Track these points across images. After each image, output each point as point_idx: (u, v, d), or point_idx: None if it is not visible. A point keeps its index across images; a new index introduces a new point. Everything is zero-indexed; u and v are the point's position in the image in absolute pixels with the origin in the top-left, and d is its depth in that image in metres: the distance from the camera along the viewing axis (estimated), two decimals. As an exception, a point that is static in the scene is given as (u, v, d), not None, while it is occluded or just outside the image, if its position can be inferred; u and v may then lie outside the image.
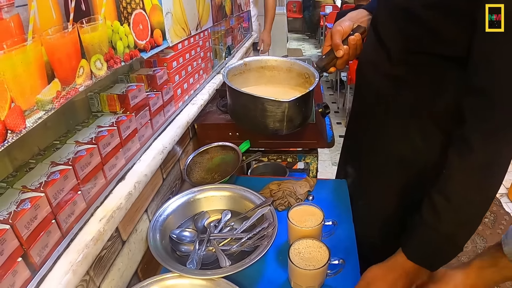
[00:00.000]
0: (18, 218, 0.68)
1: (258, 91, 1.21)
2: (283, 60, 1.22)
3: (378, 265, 0.99)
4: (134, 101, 1.11)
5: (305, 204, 1.15)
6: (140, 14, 1.13)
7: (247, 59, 1.17)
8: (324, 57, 1.19)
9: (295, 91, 1.24)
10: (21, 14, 0.68)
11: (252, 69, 1.21)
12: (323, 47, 1.23)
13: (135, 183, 1.01)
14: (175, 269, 0.96)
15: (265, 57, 1.23)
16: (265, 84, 1.30)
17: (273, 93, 1.19)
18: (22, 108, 0.68)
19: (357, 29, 1.15)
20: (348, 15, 1.23)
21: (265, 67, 1.22)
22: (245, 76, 1.22)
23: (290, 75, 1.25)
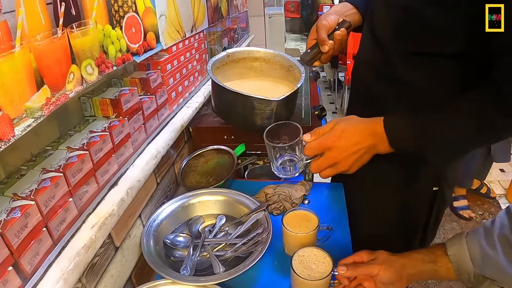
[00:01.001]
0: (8, 227, 0.68)
1: (243, 85, 1.22)
2: (266, 52, 1.22)
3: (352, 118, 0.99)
4: (127, 106, 1.10)
5: (300, 209, 1.15)
6: (133, 17, 1.12)
7: (230, 50, 1.17)
8: (309, 51, 1.17)
9: (280, 84, 1.24)
10: (9, 21, 0.67)
11: (235, 60, 1.20)
12: (308, 41, 1.21)
13: (128, 189, 1.01)
14: (168, 275, 0.95)
15: (248, 48, 1.23)
16: (249, 77, 1.29)
17: (258, 87, 1.20)
18: (11, 117, 0.67)
19: (342, 24, 1.14)
20: (333, 8, 1.22)
21: (247, 58, 1.22)
22: (228, 67, 1.21)
23: (273, 66, 1.25)
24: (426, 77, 0.99)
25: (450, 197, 1.23)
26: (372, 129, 0.93)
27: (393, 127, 0.92)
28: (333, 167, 0.96)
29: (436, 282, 2.41)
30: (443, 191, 1.15)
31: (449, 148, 0.91)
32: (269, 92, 1.17)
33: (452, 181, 1.20)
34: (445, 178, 1.13)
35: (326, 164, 0.96)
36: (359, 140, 0.93)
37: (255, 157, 1.54)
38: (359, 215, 1.30)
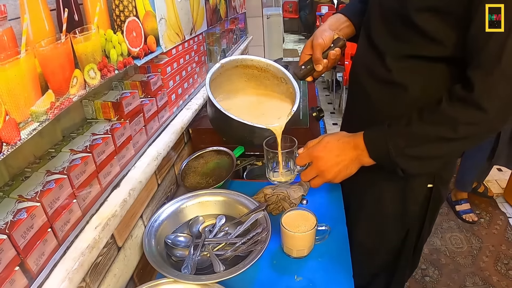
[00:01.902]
0: (14, 228, 0.70)
1: (238, 99, 1.23)
2: (258, 60, 1.23)
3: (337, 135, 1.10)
4: (128, 108, 1.12)
5: (298, 209, 1.17)
6: (134, 22, 1.14)
7: (223, 60, 1.18)
8: (303, 67, 1.19)
9: (276, 99, 1.25)
10: (14, 27, 0.69)
11: (228, 69, 1.22)
12: (302, 55, 1.22)
13: (130, 190, 1.03)
14: (170, 274, 0.97)
15: (240, 57, 1.24)
16: (242, 88, 1.30)
17: (251, 103, 1.21)
18: (17, 121, 0.69)
19: (337, 42, 1.15)
20: (327, 22, 1.24)
21: (240, 66, 1.23)
22: (223, 77, 1.22)
23: (265, 75, 1.26)
24: (420, 80, 1.01)
25: (446, 195, 1.25)
26: (354, 143, 1.03)
27: (370, 140, 1.01)
28: (320, 176, 1.06)
29: (434, 281, 2.44)
30: (438, 189, 1.17)
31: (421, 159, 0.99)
32: (266, 109, 1.19)
33: (447, 179, 1.22)
34: (440, 176, 1.15)
35: (313, 173, 1.07)
36: (341, 152, 1.04)
37: (254, 158, 1.56)
38: (356, 214, 1.32)
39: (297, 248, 1.11)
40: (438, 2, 0.88)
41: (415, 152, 0.96)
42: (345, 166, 1.04)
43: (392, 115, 1.08)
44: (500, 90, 0.83)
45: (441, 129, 0.91)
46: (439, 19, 0.90)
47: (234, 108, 1.13)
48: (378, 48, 1.07)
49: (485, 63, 0.83)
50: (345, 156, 1.04)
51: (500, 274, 2.48)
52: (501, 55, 0.79)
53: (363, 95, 1.18)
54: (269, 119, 1.15)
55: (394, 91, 1.06)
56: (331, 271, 1.09)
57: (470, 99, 0.86)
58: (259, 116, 1.21)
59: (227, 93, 1.27)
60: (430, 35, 0.92)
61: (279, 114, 1.17)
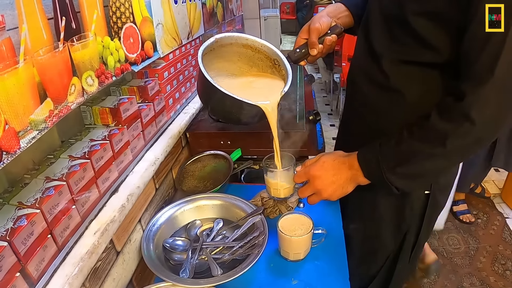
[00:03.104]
0: (15, 235, 0.71)
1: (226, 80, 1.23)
2: (253, 40, 1.22)
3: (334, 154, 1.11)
4: (126, 114, 1.13)
5: (295, 213, 1.19)
6: (131, 28, 1.15)
7: (218, 35, 1.18)
8: (297, 51, 1.20)
9: (267, 78, 1.25)
10: (12, 37, 0.70)
11: (222, 45, 1.21)
12: (298, 39, 1.23)
13: (128, 196, 1.04)
14: (168, 278, 0.99)
15: (235, 34, 1.23)
16: (234, 67, 1.29)
17: (242, 81, 1.21)
18: (16, 130, 0.70)
19: (334, 29, 1.16)
20: (326, 9, 1.24)
21: (234, 44, 1.22)
22: (215, 53, 1.22)
23: (259, 55, 1.25)
24: (417, 86, 1.02)
25: (444, 201, 1.26)
26: (349, 163, 1.05)
27: (364, 160, 1.03)
28: (317, 194, 1.07)
29: (431, 282, 2.45)
30: (435, 195, 1.18)
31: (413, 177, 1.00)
32: (257, 88, 1.19)
33: (445, 186, 1.23)
34: (437, 182, 1.16)
35: (309, 191, 1.09)
36: (337, 172, 1.05)
37: (251, 162, 1.57)
38: (353, 218, 1.33)
39: (294, 252, 1.12)
40: (435, 7, 0.89)
41: (407, 170, 0.97)
42: (341, 186, 1.05)
43: (389, 118, 1.09)
44: (490, 101, 0.83)
45: (430, 145, 0.91)
46: (436, 25, 0.90)
47: (225, 83, 1.12)
48: (376, 52, 1.07)
49: (477, 73, 0.83)
50: (341, 176, 1.05)
51: (497, 275, 2.50)
52: (494, 66, 0.79)
53: (360, 99, 1.18)
54: (259, 96, 1.13)
55: (391, 96, 1.06)
56: (328, 274, 1.10)
57: (458, 110, 0.86)
58: (249, 92, 1.19)
59: (219, 70, 1.25)
60: (427, 41, 0.93)
61: (270, 94, 1.16)
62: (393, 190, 1.00)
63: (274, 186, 1.15)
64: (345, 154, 1.08)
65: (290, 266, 1.14)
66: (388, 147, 0.99)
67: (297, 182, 1.13)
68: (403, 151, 0.96)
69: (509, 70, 0.80)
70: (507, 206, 3.12)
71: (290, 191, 1.16)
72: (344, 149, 1.11)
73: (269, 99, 1.10)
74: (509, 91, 0.83)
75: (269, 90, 1.16)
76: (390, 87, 1.06)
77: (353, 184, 1.06)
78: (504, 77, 0.80)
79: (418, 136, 0.94)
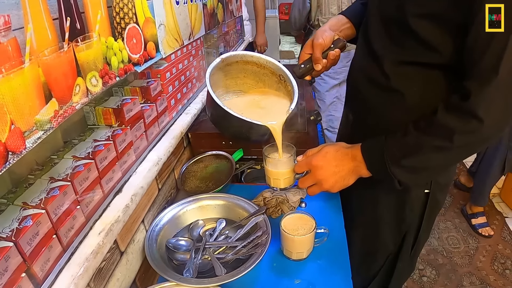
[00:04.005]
0: (21, 236, 0.71)
1: (235, 100, 1.24)
2: (258, 57, 1.23)
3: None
4: (129, 114, 1.13)
5: (297, 212, 1.19)
6: (134, 28, 1.15)
7: (223, 55, 1.19)
8: (302, 66, 1.20)
9: (274, 96, 1.26)
10: (18, 37, 0.70)
11: (228, 64, 1.22)
12: (302, 54, 1.23)
13: (132, 196, 1.04)
14: (172, 278, 0.99)
15: (240, 52, 1.24)
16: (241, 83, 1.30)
17: (249, 99, 1.22)
18: (22, 130, 0.70)
19: (337, 43, 1.16)
20: (329, 22, 1.25)
21: (240, 61, 1.24)
22: (222, 71, 1.23)
23: (264, 71, 1.26)
24: (418, 87, 1.02)
25: (444, 200, 1.26)
26: (352, 154, 1.05)
27: (367, 152, 1.03)
28: (317, 184, 1.08)
29: (431, 281, 2.46)
30: (435, 194, 1.18)
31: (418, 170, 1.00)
32: (264, 106, 1.20)
33: (444, 184, 1.23)
34: (437, 181, 1.17)
35: (310, 181, 1.09)
36: (339, 163, 1.05)
37: (252, 162, 1.57)
38: (354, 217, 1.34)
39: (297, 251, 1.13)
40: (435, 9, 0.89)
41: (412, 162, 0.97)
42: (342, 177, 1.06)
43: (390, 120, 1.09)
44: (497, 100, 0.84)
45: (437, 139, 0.92)
46: (436, 26, 0.91)
47: (233, 103, 1.14)
48: (376, 54, 1.08)
49: (482, 73, 0.84)
50: (343, 167, 1.05)
51: (497, 274, 2.51)
52: (498, 65, 0.80)
53: (361, 100, 1.19)
54: (267, 116, 1.15)
55: (392, 97, 1.07)
56: (330, 273, 1.10)
57: (466, 108, 0.86)
58: (257, 112, 1.21)
59: (226, 87, 1.27)
60: (427, 42, 0.93)
61: (277, 111, 1.17)
62: (395, 184, 1.01)
63: (274, 175, 1.16)
64: (348, 145, 1.08)
65: (293, 265, 1.14)
66: (393, 139, 0.99)
67: (298, 172, 1.13)
68: (409, 144, 0.96)
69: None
70: (506, 205, 3.14)
71: (291, 181, 1.16)
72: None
73: (276, 119, 1.12)
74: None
75: (275, 109, 1.18)
76: (391, 88, 1.06)
77: (354, 176, 1.07)
78: (509, 76, 0.81)
79: (425, 130, 0.94)
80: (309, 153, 1.12)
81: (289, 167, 1.14)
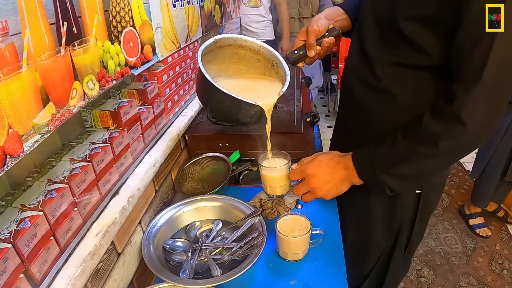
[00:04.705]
0: (19, 237, 0.72)
1: (227, 82, 1.24)
2: (252, 41, 1.24)
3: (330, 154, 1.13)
4: (126, 117, 1.14)
5: (293, 214, 1.20)
6: (130, 32, 1.16)
7: (217, 36, 1.19)
8: (296, 52, 1.21)
9: (265, 80, 1.26)
10: (16, 42, 0.71)
11: (221, 46, 1.23)
12: (296, 40, 1.24)
13: (129, 198, 1.05)
14: (168, 279, 1.00)
15: (235, 35, 1.24)
16: (233, 68, 1.30)
17: (241, 82, 1.23)
18: (20, 133, 0.71)
19: (332, 31, 1.18)
20: (325, 12, 1.26)
21: (233, 45, 1.24)
22: (215, 54, 1.23)
23: (257, 57, 1.27)
24: (408, 89, 1.03)
25: (437, 200, 1.27)
26: (344, 162, 1.07)
27: (358, 160, 1.05)
28: (311, 192, 1.10)
29: (429, 282, 2.47)
30: (427, 194, 1.20)
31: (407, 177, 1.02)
32: (255, 89, 1.21)
33: (437, 184, 1.24)
34: (429, 182, 1.18)
35: (304, 188, 1.11)
36: (332, 171, 1.08)
37: (249, 164, 1.58)
38: (347, 218, 1.35)
39: (292, 252, 1.14)
40: (425, 11, 0.90)
41: (401, 170, 0.98)
42: (335, 185, 1.08)
43: (382, 120, 1.11)
44: (481, 103, 0.85)
45: (424, 146, 0.93)
46: (426, 28, 0.92)
47: (224, 84, 1.14)
48: (368, 55, 1.09)
49: (467, 76, 0.85)
50: (336, 175, 1.07)
51: (494, 274, 2.52)
52: (483, 69, 0.81)
53: (354, 101, 1.20)
54: (258, 97, 1.15)
55: (384, 99, 1.08)
56: (326, 273, 1.11)
57: (450, 112, 0.88)
58: (248, 93, 1.21)
59: (217, 71, 1.28)
60: (417, 44, 0.95)
61: (269, 93, 1.18)
62: (387, 191, 1.02)
63: (270, 183, 1.18)
64: (340, 154, 1.10)
65: (288, 266, 1.15)
66: (382, 148, 1.01)
67: (293, 179, 1.16)
68: (397, 152, 0.98)
69: (497, 73, 0.82)
70: (504, 205, 3.14)
71: (286, 188, 1.19)
72: (339, 150, 1.13)
73: (267, 99, 1.13)
74: (498, 93, 0.86)
75: (267, 91, 1.18)
76: (382, 89, 1.07)
77: (347, 183, 1.08)
78: (493, 79, 0.82)
79: (411, 138, 0.96)
80: (304, 161, 1.14)
81: (284, 175, 1.16)
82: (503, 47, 0.80)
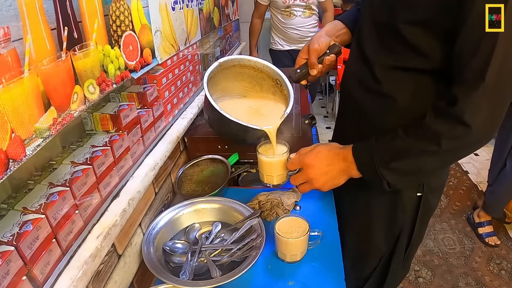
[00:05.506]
0: (21, 240, 0.73)
1: (231, 101, 1.26)
2: (255, 61, 1.25)
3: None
4: (126, 120, 1.15)
5: (291, 216, 1.21)
6: (130, 36, 1.17)
7: (221, 59, 1.21)
8: (298, 71, 1.23)
9: (271, 100, 1.28)
10: (17, 48, 0.72)
11: (226, 68, 1.25)
12: (298, 59, 1.26)
13: (129, 200, 1.06)
14: (168, 280, 1.01)
15: (238, 56, 1.26)
16: (238, 87, 1.32)
17: (246, 102, 1.25)
18: (22, 138, 0.72)
19: (333, 48, 1.19)
20: (325, 28, 1.27)
21: (237, 65, 1.26)
22: (220, 75, 1.25)
23: (261, 75, 1.29)
24: (408, 92, 1.04)
25: (436, 202, 1.28)
26: (343, 154, 1.07)
27: (358, 153, 1.05)
28: (308, 182, 1.10)
29: (427, 282, 2.48)
30: (427, 197, 1.20)
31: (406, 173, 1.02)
32: (260, 110, 1.22)
33: (436, 187, 1.25)
34: (428, 184, 1.19)
35: (301, 179, 1.11)
36: (331, 162, 1.07)
37: (248, 166, 1.59)
38: (347, 220, 1.36)
39: (291, 253, 1.15)
40: (425, 15, 0.91)
41: (400, 165, 0.99)
42: (333, 177, 1.08)
43: (382, 124, 1.11)
44: (483, 105, 0.85)
45: (425, 143, 0.94)
46: (426, 32, 0.93)
47: (230, 107, 1.16)
48: (368, 58, 1.10)
49: (469, 78, 0.86)
50: (334, 167, 1.07)
51: (492, 274, 2.53)
52: (485, 71, 0.82)
53: (353, 104, 1.21)
54: (263, 119, 1.18)
55: (384, 102, 1.09)
56: (324, 275, 1.13)
57: (453, 114, 0.88)
58: (253, 115, 1.23)
59: (223, 91, 1.30)
60: (417, 48, 0.96)
61: (273, 115, 1.19)
62: (385, 185, 1.02)
63: (267, 171, 1.18)
64: (340, 146, 1.10)
65: (287, 267, 1.16)
66: (383, 142, 1.01)
67: (290, 169, 1.16)
68: (397, 147, 0.98)
69: (499, 75, 0.83)
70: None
71: (283, 178, 1.19)
72: None
73: (272, 123, 1.16)
74: (500, 96, 0.86)
75: (271, 113, 1.21)
76: (382, 92, 1.08)
77: (345, 176, 1.08)
78: (495, 82, 0.83)
79: (413, 134, 0.96)
80: (302, 151, 1.14)
81: (282, 163, 1.16)
82: (503, 47, 0.81)
